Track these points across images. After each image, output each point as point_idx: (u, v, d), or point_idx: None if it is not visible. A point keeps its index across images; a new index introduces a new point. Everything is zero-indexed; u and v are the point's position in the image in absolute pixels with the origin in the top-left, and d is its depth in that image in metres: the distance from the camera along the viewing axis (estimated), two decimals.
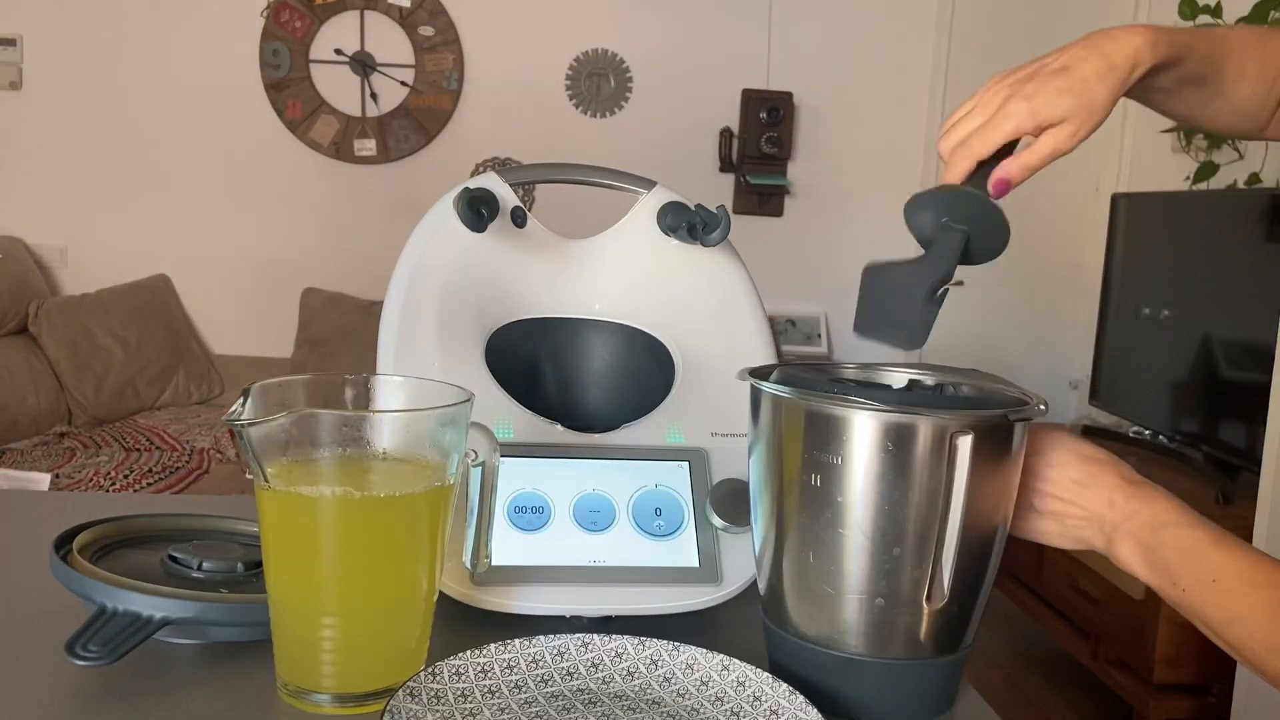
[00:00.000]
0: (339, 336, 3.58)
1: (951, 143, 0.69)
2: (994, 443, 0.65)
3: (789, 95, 3.83)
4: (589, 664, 0.65)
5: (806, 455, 0.65)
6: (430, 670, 0.61)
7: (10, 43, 3.59)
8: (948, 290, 0.65)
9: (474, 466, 0.68)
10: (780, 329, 3.89)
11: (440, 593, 0.68)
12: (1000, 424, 0.65)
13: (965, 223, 0.66)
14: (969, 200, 0.67)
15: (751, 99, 3.81)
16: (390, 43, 3.74)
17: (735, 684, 0.64)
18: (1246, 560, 0.64)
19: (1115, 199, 3.17)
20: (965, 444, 0.63)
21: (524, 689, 0.63)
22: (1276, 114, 0.79)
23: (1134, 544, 0.67)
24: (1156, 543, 0.66)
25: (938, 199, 0.68)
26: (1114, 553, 0.69)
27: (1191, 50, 0.70)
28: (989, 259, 0.69)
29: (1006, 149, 0.68)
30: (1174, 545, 0.66)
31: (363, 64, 3.72)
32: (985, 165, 0.68)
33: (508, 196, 0.86)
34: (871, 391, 0.65)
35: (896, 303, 0.66)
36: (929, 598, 0.65)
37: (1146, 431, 3.00)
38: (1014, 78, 0.68)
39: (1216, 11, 2.82)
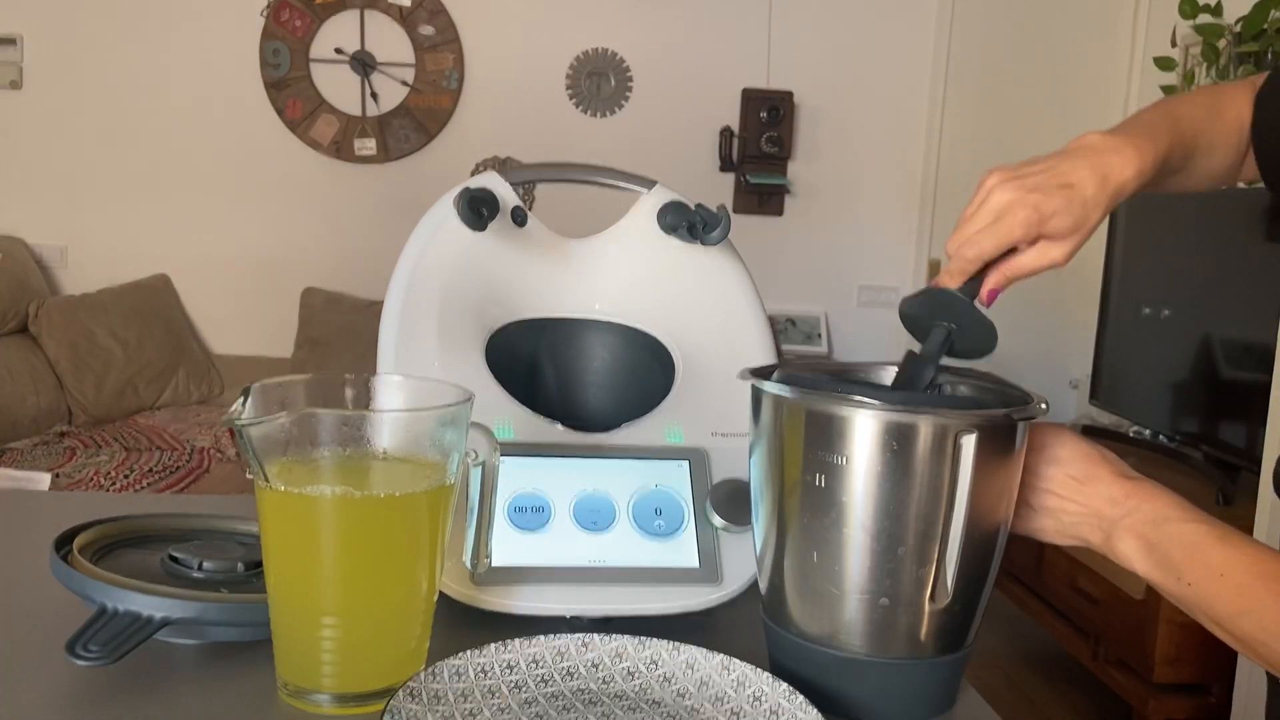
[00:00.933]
0: (339, 336, 3.58)
1: (960, 239, 0.70)
2: (997, 442, 0.65)
3: (789, 95, 3.83)
4: (589, 664, 0.65)
5: (810, 455, 0.65)
6: (430, 670, 0.61)
7: (10, 42, 3.59)
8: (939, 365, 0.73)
9: (474, 466, 0.68)
10: (780, 329, 3.89)
11: (440, 593, 0.68)
12: (1004, 423, 0.65)
13: (952, 320, 0.71)
14: (954, 302, 0.71)
15: (751, 99, 3.81)
16: (390, 42, 3.74)
17: (735, 684, 0.64)
18: (1253, 554, 0.64)
19: None
20: (969, 443, 0.63)
21: (524, 689, 0.63)
22: (1243, 166, 0.84)
23: (1136, 540, 0.68)
24: (1159, 538, 0.67)
25: (927, 299, 0.72)
26: (1114, 549, 0.69)
27: (1170, 155, 0.74)
28: (979, 356, 0.72)
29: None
30: (1178, 540, 0.66)
31: (363, 63, 3.73)
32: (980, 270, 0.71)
33: (508, 196, 0.86)
34: (874, 390, 0.65)
35: (908, 382, 0.73)
36: (933, 597, 0.65)
37: (1146, 431, 3.00)
38: (1019, 181, 0.69)
39: (1217, 11, 2.83)
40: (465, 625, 0.73)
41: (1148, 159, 0.71)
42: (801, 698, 0.61)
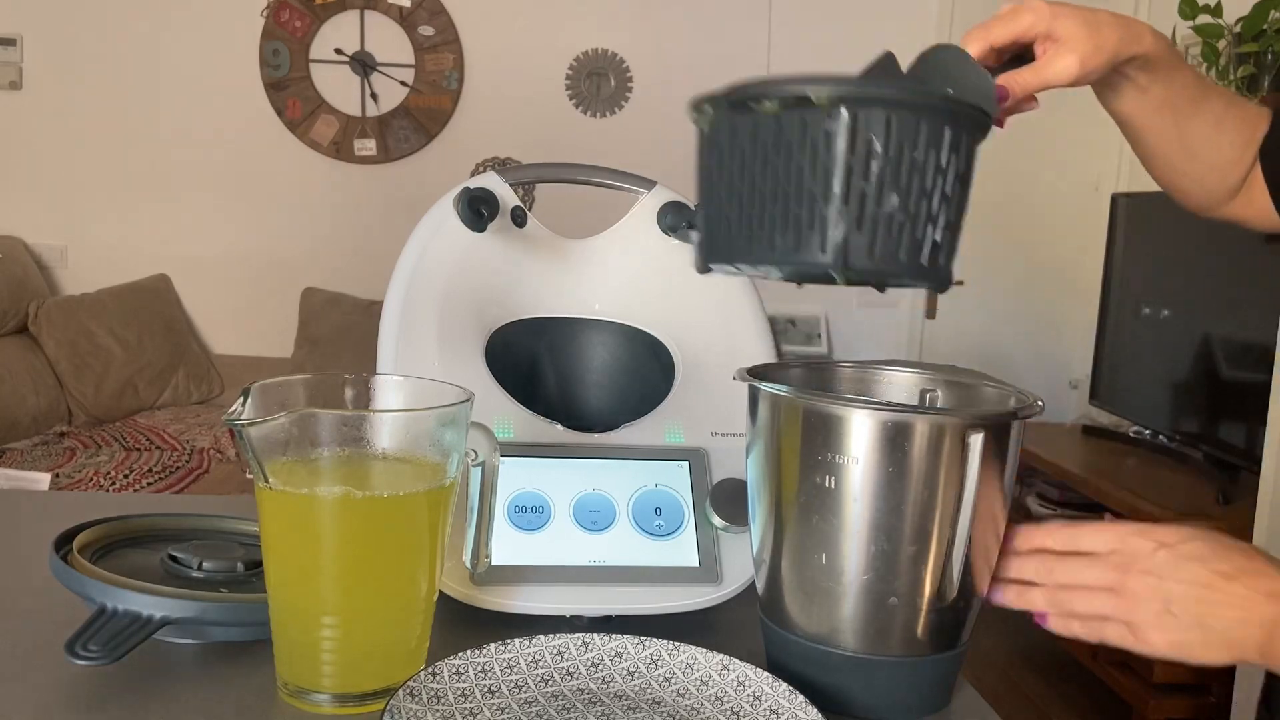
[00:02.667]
0: (339, 336, 3.58)
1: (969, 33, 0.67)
2: (1000, 440, 0.65)
3: None
4: (589, 664, 0.65)
5: (818, 456, 0.65)
6: (430, 670, 0.61)
7: (10, 43, 3.59)
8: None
9: (474, 466, 0.68)
10: (780, 329, 3.89)
11: (440, 593, 0.68)
12: (1008, 422, 0.66)
13: (949, 86, 0.64)
14: (951, 59, 0.64)
15: None
16: (390, 42, 3.74)
17: (735, 684, 0.64)
18: None
19: (1115, 199, 3.16)
20: (977, 442, 0.63)
21: (524, 689, 0.63)
22: (1242, 189, 0.81)
23: None
24: None
25: (920, 63, 0.65)
26: (1274, 657, 0.60)
27: (1181, 69, 0.72)
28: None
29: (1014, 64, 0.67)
30: None
31: (363, 64, 3.73)
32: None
33: (508, 196, 0.86)
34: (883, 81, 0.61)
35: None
36: (939, 595, 0.65)
37: (1146, 431, 3.00)
38: None
39: (1217, 11, 2.83)
40: (465, 625, 0.73)
41: (1162, 38, 0.70)
42: (801, 697, 0.61)
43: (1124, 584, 0.64)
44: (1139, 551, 0.64)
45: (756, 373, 0.70)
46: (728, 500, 0.78)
